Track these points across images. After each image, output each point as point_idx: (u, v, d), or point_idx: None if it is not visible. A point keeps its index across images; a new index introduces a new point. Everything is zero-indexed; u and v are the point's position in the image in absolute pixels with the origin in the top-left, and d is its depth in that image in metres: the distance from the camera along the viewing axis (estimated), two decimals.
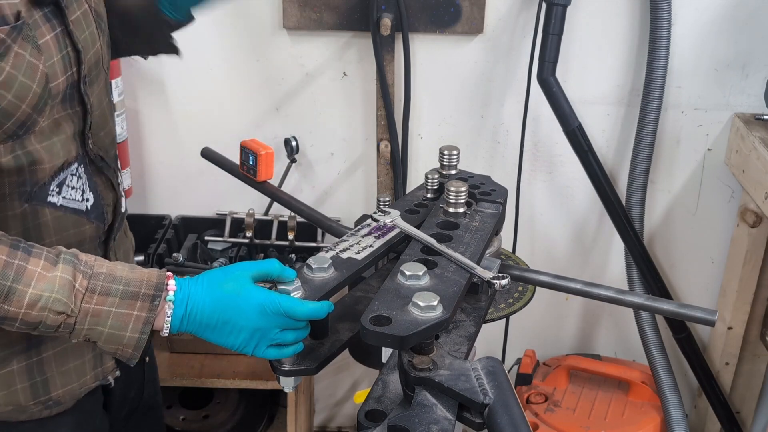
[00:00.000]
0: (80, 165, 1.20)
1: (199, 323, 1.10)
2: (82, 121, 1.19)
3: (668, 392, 2.29)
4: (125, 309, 1.08)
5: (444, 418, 0.96)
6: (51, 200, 1.16)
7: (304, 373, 1.15)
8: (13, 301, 1.03)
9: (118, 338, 1.08)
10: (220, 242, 2.28)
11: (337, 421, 2.72)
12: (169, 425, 2.28)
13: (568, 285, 1.22)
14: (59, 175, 1.16)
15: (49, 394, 1.26)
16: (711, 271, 2.39)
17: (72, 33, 1.14)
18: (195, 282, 1.12)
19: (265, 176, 1.50)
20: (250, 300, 1.09)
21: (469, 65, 2.19)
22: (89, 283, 1.07)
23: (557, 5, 2.00)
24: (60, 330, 1.06)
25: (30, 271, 1.04)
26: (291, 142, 2.24)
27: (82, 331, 1.07)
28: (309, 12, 2.10)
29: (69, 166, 1.17)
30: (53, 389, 1.26)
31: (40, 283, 1.04)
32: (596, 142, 2.21)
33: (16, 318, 1.04)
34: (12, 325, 1.06)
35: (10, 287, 1.03)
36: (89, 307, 1.06)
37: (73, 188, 1.19)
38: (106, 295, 1.07)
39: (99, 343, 1.09)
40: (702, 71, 2.16)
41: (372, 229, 1.26)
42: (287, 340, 1.11)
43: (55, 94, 1.11)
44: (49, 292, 1.04)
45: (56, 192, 1.17)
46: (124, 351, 1.10)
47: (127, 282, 1.09)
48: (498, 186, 1.38)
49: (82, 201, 1.21)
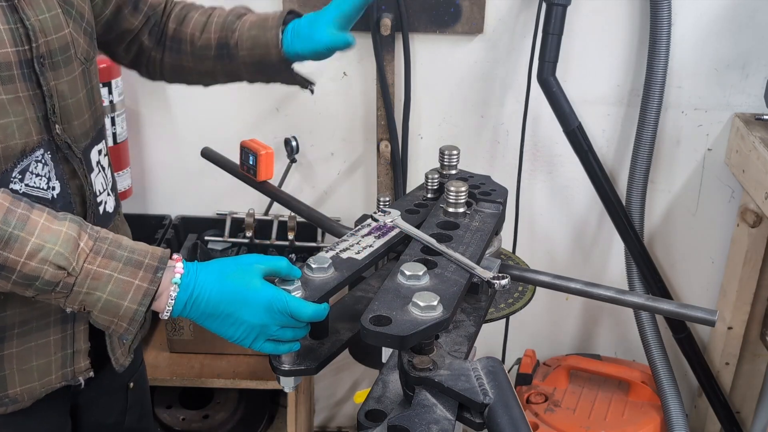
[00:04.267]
0: (46, 151, 1.17)
1: (202, 311, 1.09)
2: (43, 104, 1.16)
3: (668, 392, 2.29)
4: (127, 276, 1.06)
5: (444, 418, 0.96)
6: (13, 187, 1.13)
7: (304, 373, 1.15)
8: (14, 249, 1.00)
9: (115, 307, 1.06)
10: (220, 242, 2.28)
11: (337, 421, 2.72)
12: (169, 425, 2.28)
13: (568, 285, 1.22)
14: (22, 161, 1.13)
15: (6, 391, 1.23)
16: (711, 271, 2.39)
17: (19, 8, 1.12)
18: (204, 268, 1.11)
19: (265, 176, 1.50)
20: (258, 296, 1.09)
21: (469, 65, 2.19)
22: (95, 244, 1.05)
23: (557, 5, 2.00)
24: (58, 289, 1.04)
25: (33, 220, 1.02)
26: (291, 142, 2.24)
27: (79, 294, 1.05)
28: (309, 12, 2.09)
29: (33, 152, 1.14)
30: (11, 386, 1.23)
31: (43, 233, 1.02)
32: (596, 142, 2.21)
33: (15, 268, 1.01)
34: (8, 278, 1.03)
35: (11, 233, 1.00)
36: (91, 268, 1.04)
37: (37, 175, 1.16)
38: (110, 258, 1.05)
39: (94, 312, 1.06)
40: (702, 71, 2.16)
41: (372, 229, 1.26)
42: (285, 337, 1.11)
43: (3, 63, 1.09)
44: (51, 244, 1.02)
45: (18, 179, 1.13)
46: (118, 324, 1.08)
47: (132, 250, 1.07)
48: (498, 186, 1.38)
49: (48, 189, 1.18)
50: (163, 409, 2.31)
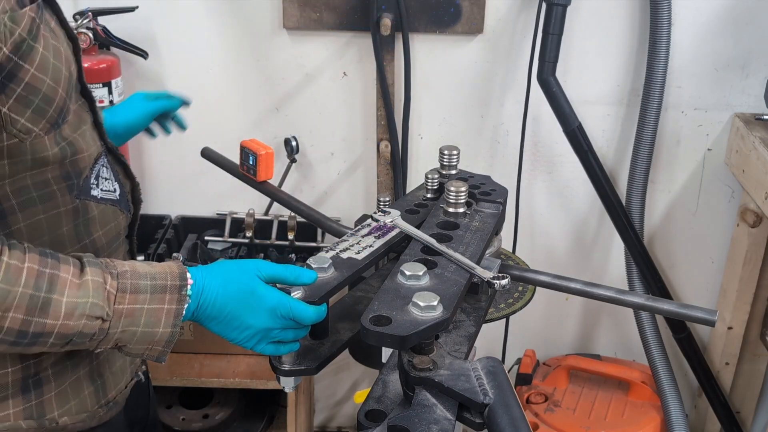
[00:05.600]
0: (105, 155, 1.19)
1: (207, 316, 1.10)
2: (92, 113, 1.17)
3: (668, 392, 2.29)
4: (156, 304, 1.05)
5: (444, 418, 0.95)
6: (93, 194, 1.14)
7: (304, 373, 1.15)
8: (50, 313, 0.98)
9: (151, 336, 1.06)
10: (220, 242, 2.28)
11: (337, 421, 2.72)
12: (169, 425, 2.28)
13: (568, 285, 1.22)
14: (94, 167, 1.15)
15: (107, 396, 1.24)
16: (711, 271, 2.39)
17: (65, 22, 1.12)
18: (209, 274, 1.11)
19: (265, 176, 1.50)
20: (262, 301, 1.09)
21: (469, 65, 2.19)
22: (119, 283, 1.04)
23: (557, 5, 2.00)
24: (94, 338, 1.03)
25: (62, 279, 1.00)
26: (291, 142, 2.24)
27: (114, 335, 1.04)
28: (309, 12, 2.10)
29: (100, 158, 1.16)
30: (109, 390, 1.24)
31: (73, 290, 1.00)
32: (596, 142, 2.21)
33: (52, 332, 0.99)
34: (45, 343, 1.01)
35: (44, 299, 0.98)
36: (122, 308, 1.03)
37: (105, 179, 1.18)
38: (136, 292, 1.04)
39: (129, 345, 1.06)
40: (702, 71, 2.16)
41: (372, 229, 1.26)
42: (287, 339, 1.11)
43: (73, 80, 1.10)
44: (85, 298, 1.00)
45: (95, 185, 1.15)
46: (153, 349, 1.08)
47: (153, 276, 1.06)
48: (498, 186, 1.38)
49: (114, 191, 1.20)
50: (163, 409, 2.31)
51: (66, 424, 1.18)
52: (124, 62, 2.13)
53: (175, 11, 2.12)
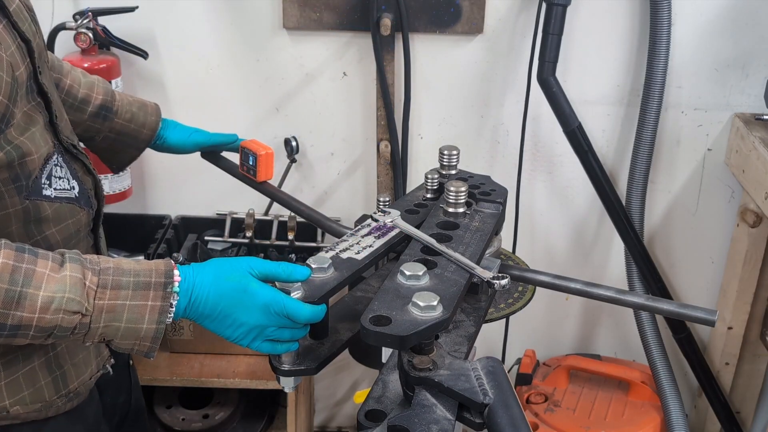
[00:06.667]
0: (58, 154, 1.20)
1: (200, 313, 1.10)
2: (48, 112, 1.19)
3: (668, 392, 2.29)
4: (139, 300, 1.06)
5: (444, 418, 0.95)
6: (46, 193, 1.16)
7: (304, 373, 1.15)
8: (26, 307, 1.01)
9: (135, 332, 1.07)
10: (220, 242, 2.28)
11: (337, 421, 2.72)
12: (169, 425, 2.28)
13: (568, 285, 1.22)
14: (46, 167, 1.16)
15: (68, 387, 1.26)
16: (711, 271, 2.39)
17: (16, 24, 1.14)
18: (200, 271, 1.11)
19: (265, 176, 1.51)
20: (255, 298, 1.09)
21: (469, 65, 2.19)
22: (99, 279, 1.06)
23: (557, 5, 2.00)
24: (76, 332, 1.05)
25: (39, 273, 1.02)
26: (291, 142, 2.24)
27: (97, 330, 1.05)
28: (309, 12, 2.10)
29: (52, 157, 1.18)
30: (70, 381, 1.27)
31: (50, 285, 1.02)
32: (596, 142, 2.21)
33: (30, 325, 1.02)
34: (26, 335, 1.04)
35: (20, 293, 1.01)
36: (103, 303, 1.05)
37: (59, 178, 1.19)
38: (117, 288, 1.06)
39: (115, 340, 1.08)
40: (702, 71, 2.16)
41: (372, 229, 1.26)
42: (283, 337, 1.11)
43: (21, 83, 1.11)
44: (61, 293, 1.02)
45: (47, 184, 1.16)
46: (141, 345, 1.09)
47: (137, 273, 1.08)
48: (498, 186, 1.38)
49: (70, 189, 1.22)
50: (163, 409, 2.31)
51: (18, 413, 1.21)
52: (124, 62, 2.13)
53: (174, 11, 2.12)
